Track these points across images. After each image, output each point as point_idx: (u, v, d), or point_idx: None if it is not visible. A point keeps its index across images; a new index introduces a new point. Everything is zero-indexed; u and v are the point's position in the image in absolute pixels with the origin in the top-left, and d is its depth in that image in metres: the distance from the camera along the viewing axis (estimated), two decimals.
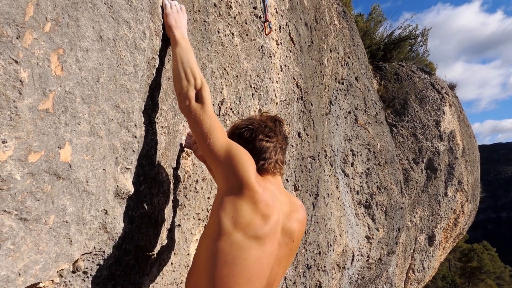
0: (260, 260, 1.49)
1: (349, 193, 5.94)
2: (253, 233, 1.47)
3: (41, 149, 1.15)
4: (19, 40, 1.08)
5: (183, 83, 1.64)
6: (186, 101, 1.61)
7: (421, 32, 11.14)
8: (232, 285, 1.44)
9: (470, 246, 36.38)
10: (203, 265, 1.49)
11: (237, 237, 1.44)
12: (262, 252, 1.49)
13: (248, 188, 1.48)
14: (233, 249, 1.44)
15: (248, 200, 1.48)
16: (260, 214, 1.49)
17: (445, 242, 11.21)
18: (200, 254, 1.54)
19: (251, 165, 1.55)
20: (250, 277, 1.46)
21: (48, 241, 1.21)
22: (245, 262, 1.44)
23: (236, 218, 1.45)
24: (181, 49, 1.71)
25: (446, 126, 9.84)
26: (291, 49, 3.79)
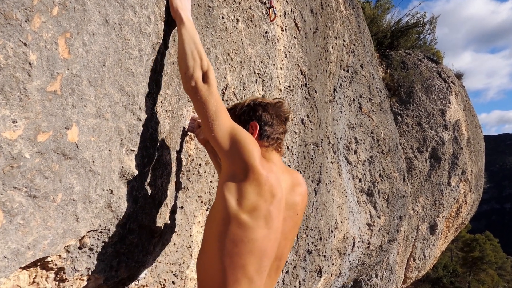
0: (267, 238, 1.55)
1: (351, 181, 5.99)
2: (259, 214, 1.52)
3: (49, 129, 1.20)
4: (28, 24, 1.11)
5: (189, 63, 1.64)
6: (192, 82, 1.62)
7: (429, 20, 11.04)
8: (242, 263, 1.49)
9: (472, 236, 36.46)
10: (213, 247, 1.54)
11: (244, 218, 1.50)
12: (268, 230, 1.55)
13: (253, 171, 1.53)
14: (241, 229, 1.49)
15: (253, 183, 1.52)
16: (265, 195, 1.54)
17: (447, 231, 11.27)
18: (209, 236, 1.59)
19: (255, 147, 1.59)
20: (258, 255, 1.52)
21: (56, 217, 1.26)
22: (253, 242, 1.50)
23: (242, 201, 1.50)
24: (187, 30, 1.73)
25: (451, 116, 9.81)
26: (296, 36, 3.79)
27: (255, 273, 1.53)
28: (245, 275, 1.50)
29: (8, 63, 1.06)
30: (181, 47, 1.70)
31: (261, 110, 1.80)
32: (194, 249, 2.33)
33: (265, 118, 1.78)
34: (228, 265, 1.49)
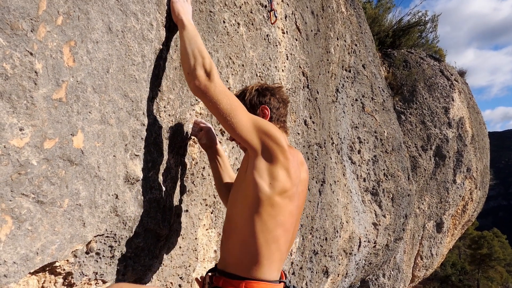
0: (292, 213, 1.73)
1: (356, 180, 5.99)
2: (287, 194, 1.68)
3: (55, 136, 1.22)
4: (34, 33, 1.14)
5: (191, 61, 1.64)
6: (195, 80, 1.61)
7: (431, 18, 11.03)
8: (275, 238, 1.65)
9: (480, 233, 36.24)
10: (246, 227, 1.65)
11: (276, 200, 1.64)
12: (293, 206, 1.73)
13: (284, 156, 1.66)
14: (275, 209, 1.64)
15: (283, 167, 1.66)
16: (291, 178, 1.69)
17: (454, 229, 11.23)
18: (240, 217, 1.69)
19: (281, 134, 1.70)
20: (286, 229, 1.70)
21: (63, 223, 1.29)
22: (283, 217, 1.67)
23: (274, 184, 1.64)
24: (188, 32, 1.74)
25: (455, 113, 9.79)
26: (297, 38, 3.81)
27: (283, 245, 1.70)
28: (278, 248, 1.67)
29: (15, 72, 1.09)
30: (183, 49, 1.71)
31: (269, 94, 1.89)
32: (200, 252, 2.35)
33: (274, 102, 1.89)
34: (264, 241, 1.63)
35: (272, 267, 1.66)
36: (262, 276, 1.63)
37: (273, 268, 1.67)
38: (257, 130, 1.64)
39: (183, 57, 1.70)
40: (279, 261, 1.70)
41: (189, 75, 1.65)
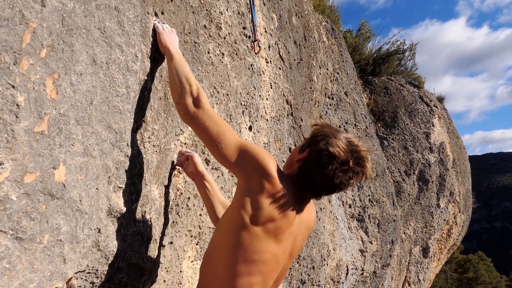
0: (277, 255, 1.58)
1: (341, 207, 5.99)
2: (272, 228, 1.53)
3: (36, 170, 1.19)
4: (16, 66, 1.13)
5: (179, 90, 1.66)
6: (184, 109, 1.62)
7: (409, 47, 11.37)
8: (251, 272, 1.52)
9: (465, 257, 36.38)
10: (223, 254, 1.55)
11: (257, 231, 1.51)
12: (278, 247, 1.57)
13: (272, 184, 1.53)
14: (253, 241, 1.51)
15: (269, 195, 1.52)
16: (280, 208, 1.53)
17: (440, 253, 11.24)
18: (220, 244, 1.59)
19: (271, 160, 1.57)
20: (267, 269, 1.56)
21: (42, 259, 1.24)
22: (264, 254, 1.53)
23: (257, 214, 1.51)
24: (176, 62, 1.76)
25: (436, 138, 9.97)
26: (280, 67, 3.87)
27: (262, 283, 1.56)
28: (254, 283, 1.54)
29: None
30: (171, 79, 1.72)
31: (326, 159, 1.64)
32: (185, 285, 2.29)
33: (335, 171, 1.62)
34: (238, 273, 1.51)
35: None
36: None
37: None
38: (243, 154, 1.57)
39: (171, 86, 1.72)
40: None
41: (178, 104, 1.66)
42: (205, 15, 2.48)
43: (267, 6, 3.79)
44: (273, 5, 3.99)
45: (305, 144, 1.71)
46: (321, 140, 1.63)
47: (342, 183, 1.60)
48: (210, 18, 2.53)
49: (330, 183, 1.61)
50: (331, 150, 1.58)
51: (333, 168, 1.57)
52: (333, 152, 1.57)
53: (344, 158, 1.58)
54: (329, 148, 1.58)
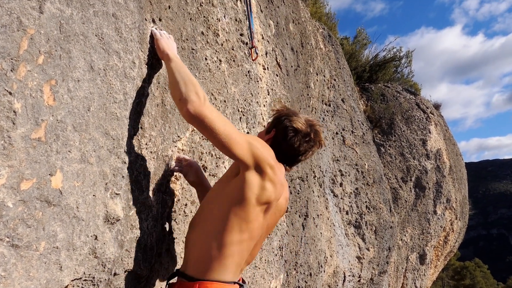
0: (262, 226, 1.86)
1: (338, 213, 5.98)
2: (266, 207, 1.82)
3: (33, 176, 1.18)
4: (13, 73, 1.12)
5: (182, 88, 1.63)
6: (188, 105, 1.59)
7: (405, 54, 11.44)
8: (242, 239, 1.75)
9: (462, 264, 36.36)
10: (219, 220, 1.74)
11: (256, 209, 1.77)
12: (265, 220, 1.86)
13: (273, 172, 1.79)
14: (250, 216, 1.75)
15: (270, 180, 1.78)
16: (276, 191, 1.82)
17: (436, 260, 11.23)
18: (216, 210, 1.78)
19: (271, 151, 1.84)
20: (253, 236, 1.80)
21: (38, 267, 1.23)
22: (255, 225, 1.79)
23: (261, 194, 1.76)
24: (176, 64, 1.76)
25: (432, 145, 10.00)
26: (277, 73, 3.88)
27: (245, 251, 1.79)
28: (239, 251, 1.75)
29: None
30: (172, 78, 1.71)
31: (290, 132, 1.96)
32: None
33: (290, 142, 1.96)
34: (229, 239, 1.72)
35: (229, 269, 1.73)
36: (217, 277, 1.70)
37: (230, 270, 1.74)
38: (251, 149, 1.73)
39: (173, 85, 1.69)
40: (237, 265, 1.77)
41: (181, 101, 1.63)
42: (203, 22, 2.49)
43: (264, 13, 3.81)
44: (270, 12, 4.01)
45: (271, 125, 2.04)
46: (284, 119, 1.98)
47: (306, 151, 1.97)
48: (207, 25, 2.54)
49: (297, 152, 1.96)
50: (295, 126, 1.94)
51: (298, 140, 1.93)
52: (296, 127, 1.94)
53: (306, 131, 1.94)
54: (293, 125, 1.94)
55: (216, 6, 2.71)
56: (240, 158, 1.71)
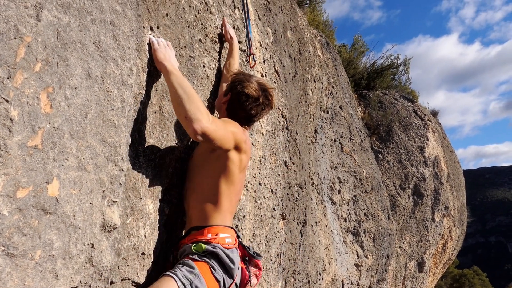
0: (241, 180, 2.21)
1: (337, 221, 5.97)
2: (243, 169, 2.18)
3: (29, 184, 1.18)
4: (10, 80, 1.12)
5: (186, 106, 1.72)
6: (194, 124, 1.72)
7: (403, 62, 11.49)
8: (231, 194, 2.10)
9: (461, 272, 36.21)
10: (212, 187, 2.05)
11: (237, 173, 2.11)
12: (243, 175, 2.22)
13: (246, 145, 2.13)
14: (235, 178, 2.10)
15: (245, 152, 2.13)
16: (248, 156, 2.19)
17: (435, 268, 11.19)
18: (206, 180, 2.08)
19: (240, 130, 2.10)
20: (238, 190, 2.18)
21: (34, 276, 1.22)
22: (238, 183, 2.16)
23: (240, 165, 2.12)
24: (176, 78, 1.78)
25: (430, 152, 10.01)
26: (275, 81, 3.89)
27: (234, 201, 2.17)
28: (231, 203, 2.11)
29: None
30: (174, 94, 1.74)
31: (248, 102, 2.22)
32: None
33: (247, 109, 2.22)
34: (224, 196, 2.05)
35: (226, 218, 2.07)
36: (222, 222, 2.03)
37: (227, 218, 2.08)
38: (234, 137, 2.01)
39: (177, 101, 1.74)
40: (231, 214, 2.13)
41: (187, 119, 1.73)
42: (201, 29, 2.50)
43: (262, 21, 3.82)
44: (268, 19, 4.03)
45: (228, 89, 2.28)
46: (238, 84, 2.22)
47: (257, 113, 2.26)
48: (205, 32, 2.55)
49: (250, 115, 2.23)
50: (246, 91, 2.19)
51: (249, 104, 2.20)
52: (248, 93, 2.18)
53: (256, 95, 2.20)
54: (245, 90, 2.19)
55: (214, 14, 2.72)
56: (227, 148, 2.01)
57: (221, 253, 1.90)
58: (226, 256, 1.92)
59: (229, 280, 1.94)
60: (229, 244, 1.99)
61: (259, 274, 2.25)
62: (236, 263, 1.98)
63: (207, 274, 1.84)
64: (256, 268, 2.22)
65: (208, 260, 1.88)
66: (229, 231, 2.04)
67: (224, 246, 1.95)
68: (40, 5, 1.23)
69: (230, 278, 1.95)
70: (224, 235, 1.99)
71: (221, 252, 1.90)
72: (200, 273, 1.83)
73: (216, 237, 1.96)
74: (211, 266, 1.87)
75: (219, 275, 1.88)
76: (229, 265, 1.92)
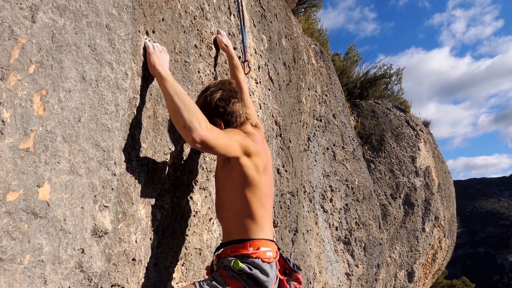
0: (269, 185, 2.20)
1: (328, 229, 5.96)
2: (264, 170, 2.13)
3: (19, 188, 1.16)
4: (3, 82, 1.11)
5: (184, 115, 1.68)
6: (193, 134, 1.67)
7: (395, 72, 11.59)
8: (263, 201, 2.09)
9: (450, 282, 36.32)
10: (239, 200, 2.05)
11: (261, 178, 2.09)
12: (268, 178, 2.20)
13: (255, 149, 2.07)
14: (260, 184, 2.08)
15: (256, 155, 2.07)
16: (261, 157, 2.12)
17: (425, 278, 11.21)
18: (232, 195, 2.09)
19: (244, 136, 2.07)
20: (268, 194, 2.16)
21: (22, 281, 1.19)
22: (264, 186, 2.12)
23: (257, 167, 2.07)
24: (171, 85, 1.75)
25: (421, 162, 10.08)
26: (270, 88, 3.90)
27: (269, 208, 2.16)
28: (265, 210, 2.11)
29: None
30: (171, 102, 1.71)
31: (222, 105, 2.13)
32: None
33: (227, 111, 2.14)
34: (256, 207, 2.04)
35: (267, 226, 2.09)
36: (263, 235, 2.04)
37: (268, 227, 2.10)
38: (239, 144, 1.97)
39: (173, 110, 1.72)
40: (269, 220, 2.15)
41: (185, 129, 1.69)
42: (196, 35, 2.50)
43: (257, 28, 3.84)
44: (263, 26, 4.04)
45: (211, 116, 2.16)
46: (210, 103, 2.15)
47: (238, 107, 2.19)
48: (201, 38, 2.55)
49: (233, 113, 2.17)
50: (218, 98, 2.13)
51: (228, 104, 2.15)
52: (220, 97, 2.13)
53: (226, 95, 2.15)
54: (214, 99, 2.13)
55: (210, 20, 2.73)
56: (235, 156, 1.97)
57: (257, 273, 1.92)
58: (262, 271, 1.95)
59: None
60: (270, 258, 2.00)
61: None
62: (271, 275, 1.99)
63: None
64: (296, 282, 2.21)
65: (241, 280, 1.91)
66: (270, 245, 2.05)
67: (264, 260, 1.97)
68: (35, 7, 1.22)
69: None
70: (265, 249, 2.00)
71: (257, 273, 1.92)
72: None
73: (257, 251, 1.98)
74: (244, 286, 1.90)
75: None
76: (262, 278, 1.93)
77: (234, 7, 3.23)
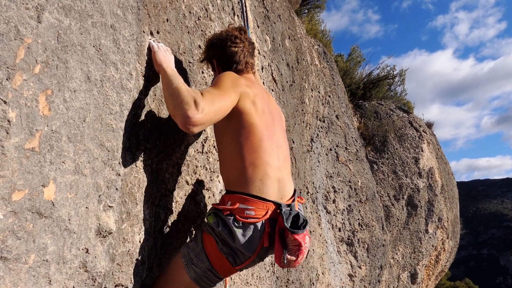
0: (272, 122, 2.03)
1: (331, 230, 5.95)
2: (265, 111, 1.99)
3: (25, 187, 1.16)
4: (9, 82, 1.11)
5: (173, 103, 1.62)
6: (182, 120, 1.58)
7: (399, 73, 11.56)
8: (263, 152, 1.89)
9: (453, 284, 36.23)
10: (233, 150, 1.88)
11: (263, 117, 1.94)
12: (269, 116, 2.01)
13: (251, 91, 1.95)
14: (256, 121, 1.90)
15: (253, 93, 1.96)
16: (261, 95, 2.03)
17: (428, 279, 11.18)
18: (222, 143, 1.97)
19: (234, 76, 1.96)
20: (271, 135, 1.97)
21: (27, 280, 1.20)
22: (266, 127, 1.94)
23: (254, 106, 1.92)
24: (172, 76, 1.73)
25: (425, 163, 10.05)
26: (273, 88, 3.90)
27: (275, 161, 1.93)
28: (268, 164, 1.88)
29: None
30: (166, 94, 1.69)
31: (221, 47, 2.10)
32: None
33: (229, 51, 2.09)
34: (243, 148, 1.85)
35: (264, 180, 1.84)
36: (250, 190, 1.81)
37: (267, 181, 1.84)
38: (236, 92, 1.86)
39: (167, 101, 1.69)
40: (274, 173, 1.89)
41: (175, 117, 1.62)
42: (200, 36, 2.50)
43: (261, 29, 3.84)
44: (266, 27, 4.04)
45: (206, 57, 2.21)
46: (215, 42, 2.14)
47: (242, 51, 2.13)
48: (205, 39, 2.55)
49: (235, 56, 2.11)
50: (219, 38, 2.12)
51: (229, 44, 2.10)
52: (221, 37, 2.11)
53: (226, 34, 2.12)
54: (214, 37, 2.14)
55: (214, 21, 2.73)
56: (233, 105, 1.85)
57: (223, 232, 1.75)
58: (230, 232, 1.75)
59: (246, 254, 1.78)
60: (249, 218, 1.76)
61: (300, 251, 1.85)
62: (247, 237, 1.74)
63: (212, 248, 1.80)
64: (293, 244, 1.82)
65: (214, 235, 1.79)
66: (257, 204, 1.79)
67: (240, 219, 1.75)
68: (41, 7, 1.23)
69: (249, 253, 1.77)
70: (244, 206, 1.77)
71: (223, 231, 1.75)
72: (205, 247, 1.80)
73: (234, 207, 1.77)
74: (216, 242, 1.79)
75: (226, 248, 1.78)
76: (228, 239, 1.75)
77: (238, 7, 3.23)
